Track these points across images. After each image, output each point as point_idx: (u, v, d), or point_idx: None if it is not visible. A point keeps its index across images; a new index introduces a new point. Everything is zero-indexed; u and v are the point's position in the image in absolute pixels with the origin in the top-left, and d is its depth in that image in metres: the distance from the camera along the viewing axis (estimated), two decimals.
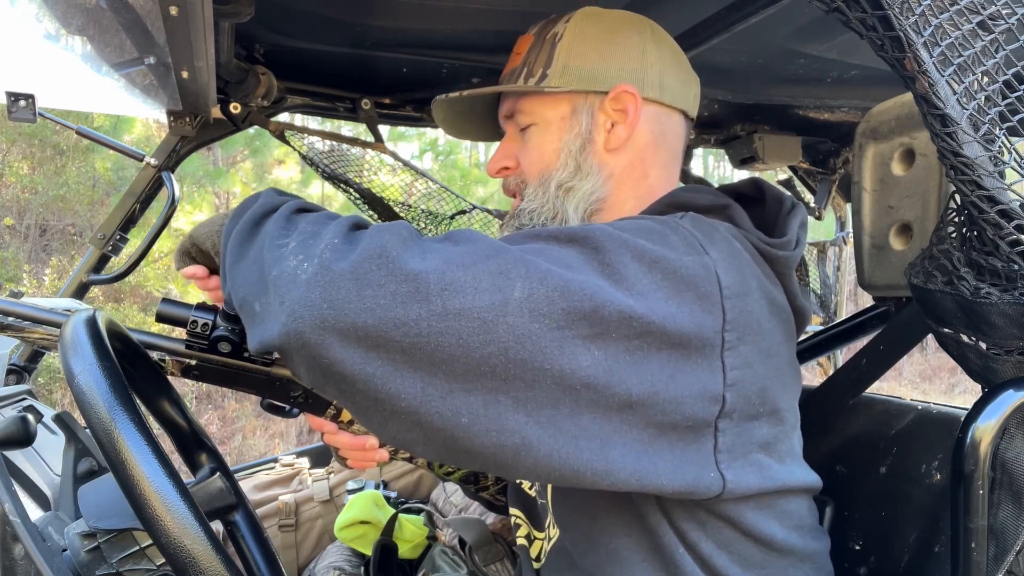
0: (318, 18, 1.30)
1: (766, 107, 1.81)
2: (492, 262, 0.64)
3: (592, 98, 0.96)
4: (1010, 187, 0.65)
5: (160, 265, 7.41)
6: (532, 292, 0.63)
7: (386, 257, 0.62)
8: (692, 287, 0.70)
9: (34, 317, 0.87)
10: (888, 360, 1.11)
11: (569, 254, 0.69)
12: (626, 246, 0.69)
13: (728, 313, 0.71)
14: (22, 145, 7.09)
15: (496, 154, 1.04)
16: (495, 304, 0.62)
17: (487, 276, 0.63)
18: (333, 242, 0.64)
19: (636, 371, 0.66)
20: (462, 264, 0.63)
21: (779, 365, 0.79)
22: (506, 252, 0.66)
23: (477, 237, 0.68)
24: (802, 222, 0.91)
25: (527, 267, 0.65)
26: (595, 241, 0.70)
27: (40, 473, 1.12)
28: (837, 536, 1.13)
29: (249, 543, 0.89)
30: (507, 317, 0.62)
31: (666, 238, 0.73)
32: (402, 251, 0.63)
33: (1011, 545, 0.71)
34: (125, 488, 0.62)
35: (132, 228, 1.61)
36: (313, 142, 1.87)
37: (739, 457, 0.74)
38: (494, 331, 0.62)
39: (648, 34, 0.99)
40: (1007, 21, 0.67)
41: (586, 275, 0.66)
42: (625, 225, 0.74)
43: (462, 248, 0.66)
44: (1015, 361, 0.70)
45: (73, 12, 1.11)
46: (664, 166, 1.00)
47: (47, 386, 6.18)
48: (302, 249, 0.65)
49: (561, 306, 0.63)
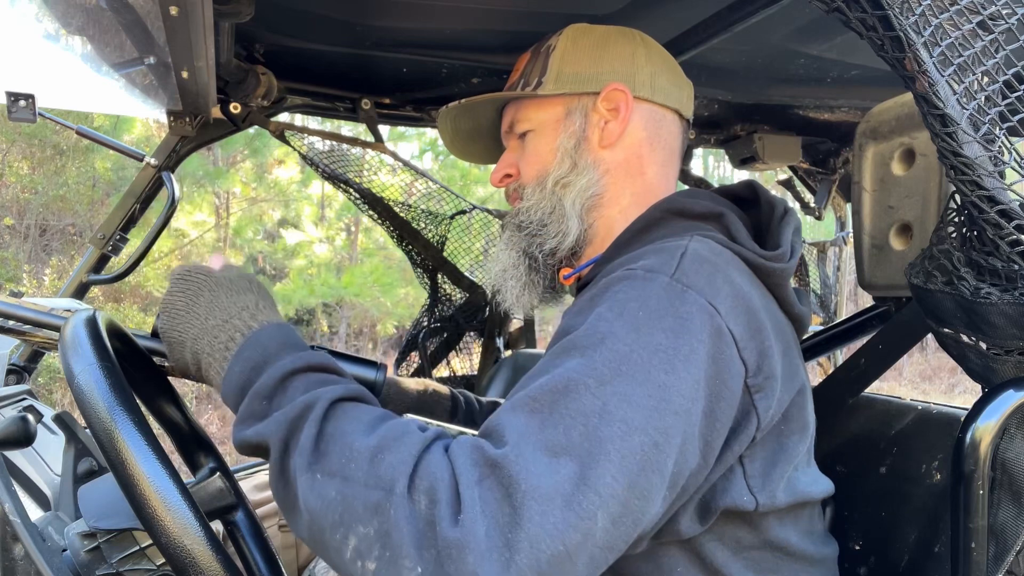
0: (318, 18, 1.30)
1: (766, 107, 1.81)
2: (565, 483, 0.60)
3: (585, 99, 0.99)
4: (1010, 187, 0.65)
5: (160, 265, 7.41)
6: (614, 519, 0.61)
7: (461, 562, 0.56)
8: (715, 363, 0.71)
9: (34, 320, 0.87)
10: (887, 360, 1.10)
11: (611, 407, 0.64)
12: (650, 360, 0.67)
13: (747, 362, 0.73)
14: (22, 145, 7.09)
15: (498, 164, 1.07)
16: (587, 550, 0.60)
17: (575, 538, 0.59)
18: (416, 572, 0.58)
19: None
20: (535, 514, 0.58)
21: (799, 381, 0.81)
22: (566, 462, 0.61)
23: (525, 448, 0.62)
24: (796, 228, 0.91)
25: (596, 504, 0.60)
26: (624, 374, 0.66)
27: (40, 473, 1.12)
28: (837, 536, 1.13)
29: (249, 543, 0.89)
30: (598, 545, 0.61)
31: (682, 322, 0.70)
32: (489, 569, 0.56)
33: (1011, 545, 0.71)
34: (125, 488, 0.62)
35: (132, 228, 1.62)
36: (313, 142, 1.88)
37: (771, 477, 0.77)
38: (594, 561, 0.61)
39: (638, 41, 1.02)
40: (1007, 21, 0.67)
41: (638, 442, 0.64)
42: (640, 318, 0.70)
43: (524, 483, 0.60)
44: (1015, 361, 0.70)
45: (73, 12, 1.11)
46: (661, 164, 1.01)
47: (47, 386, 6.18)
48: (384, 569, 0.59)
49: (636, 496, 0.63)
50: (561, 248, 0.99)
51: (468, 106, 1.07)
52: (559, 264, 1.02)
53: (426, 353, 2.22)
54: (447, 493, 0.59)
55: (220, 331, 0.76)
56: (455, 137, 1.16)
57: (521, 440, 0.62)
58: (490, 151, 1.18)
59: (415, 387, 1.22)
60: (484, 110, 1.09)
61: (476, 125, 1.13)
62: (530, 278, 1.02)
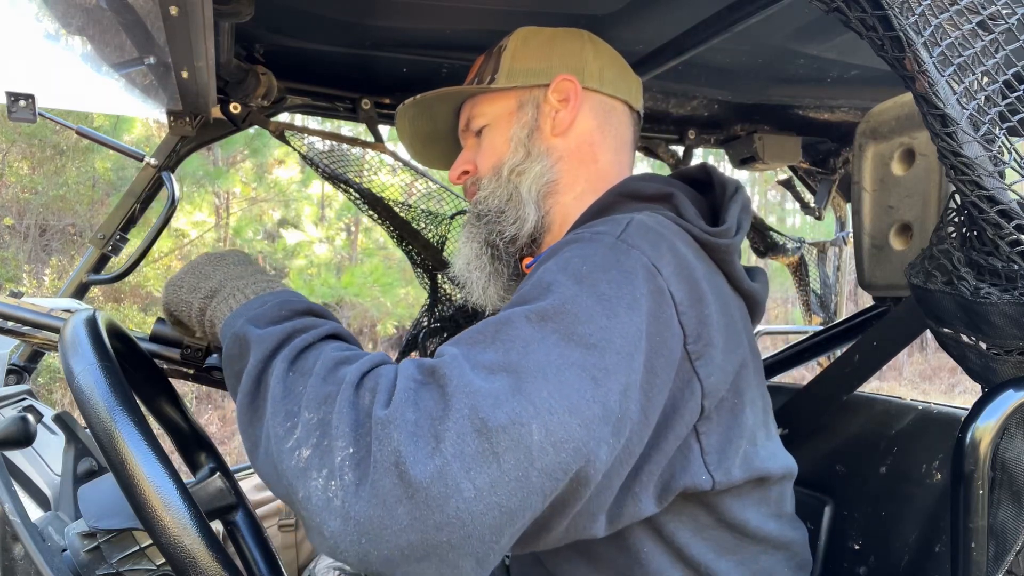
0: (318, 18, 1.30)
1: (766, 107, 1.81)
2: (501, 417, 0.59)
3: (536, 91, 1.04)
4: (1010, 187, 0.65)
5: (160, 265, 7.41)
6: (549, 432, 0.60)
7: (401, 469, 0.56)
8: (656, 320, 0.71)
9: (34, 321, 0.87)
10: (882, 357, 1.10)
11: (550, 340, 0.65)
12: (593, 305, 0.68)
13: (686, 328, 0.73)
14: (22, 145, 7.09)
15: (456, 161, 1.11)
16: (520, 464, 0.59)
17: (505, 441, 0.58)
18: (347, 452, 0.59)
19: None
20: (481, 429, 0.58)
21: (743, 355, 0.82)
22: (507, 401, 0.60)
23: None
24: (744, 206, 0.92)
25: (530, 413, 0.60)
26: (567, 312, 0.67)
27: (40, 473, 1.12)
28: (837, 536, 1.13)
29: (249, 543, 0.89)
30: (534, 466, 0.59)
31: (625, 275, 0.72)
32: (414, 452, 0.57)
33: (1011, 545, 0.71)
34: (125, 488, 0.62)
35: (132, 228, 1.62)
36: (313, 142, 1.87)
37: (726, 453, 0.77)
38: (529, 482, 0.59)
39: (586, 39, 1.06)
40: (1007, 21, 0.67)
41: (576, 375, 0.64)
42: (584, 271, 0.72)
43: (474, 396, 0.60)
44: (1015, 361, 0.70)
45: (73, 12, 1.11)
46: (615, 152, 1.05)
47: (47, 386, 6.18)
48: (317, 456, 0.60)
49: (576, 420, 0.62)
50: (521, 235, 1.01)
51: (425, 108, 1.10)
52: (520, 252, 1.03)
53: (426, 353, 2.23)
54: (386, 385, 0.62)
55: (259, 275, 0.84)
56: (413, 139, 1.19)
57: (460, 356, 0.64)
58: (447, 155, 1.22)
59: None
60: (442, 112, 1.13)
61: (434, 127, 1.17)
62: (494, 267, 1.04)
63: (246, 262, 0.87)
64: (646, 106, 1.78)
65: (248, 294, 0.80)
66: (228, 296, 0.80)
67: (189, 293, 0.84)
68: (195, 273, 0.85)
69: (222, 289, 0.82)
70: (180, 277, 0.85)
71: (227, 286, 0.82)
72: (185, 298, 0.84)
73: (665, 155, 2.02)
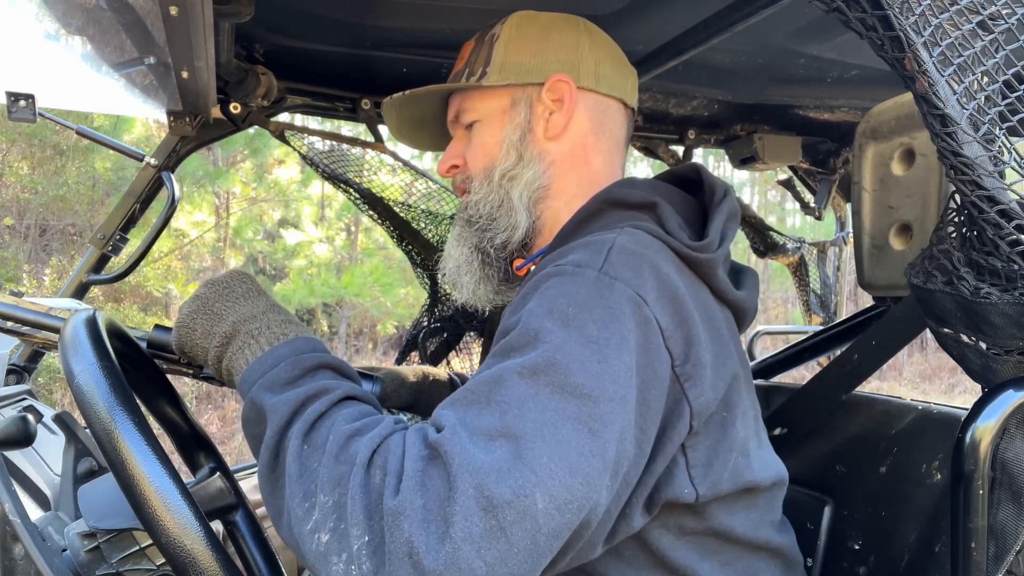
0: (318, 18, 1.30)
1: (766, 107, 1.81)
2: (506, 490, 0.60)
3: (530, 90, 1.00)
4: (1010, 187, 0.65)
5: (160, 265, 7.41)
6: (553, 497, 0.61)
7: (415, 560, 0.58)
8: (645, 352, 0.72)
9: (34, 321, 0.87)
10: (882, 357, 1.10)
11: (544, 396, 0.66)
12: (582, 351, 0.68)
13: (673, 351, 0.74)
14: (22, 145, 7.09)
15: (445, 154, 1.08)
16: (528, 533, 0.60)
17: (511, 515, 0.59)
18: (363, 540, 0.60)
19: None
20: (489, 507, 0.59)
21: (733, 368, 0.82)
22: (516, 473, 0.61)
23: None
24: (730, 214, 0.91)
25: (533, 482, 0.61)
26: (558, 363, 0.67)
27: (40, 473, 1.12)
28: (837, 536, 1.13)
29: (249, 543, 0.89)
30: (541, 532, 0.61)
31: (611, 312, 0.72)
32: (426, 540, 0.58)
33: (1011, 545, 0.71)
34: (125, 488, 0.62)
35: (132, 228, 1.62)
36: (313, 142, 1.87)
37: (713, 467, 0.78)
38: (537, 548, 0.61)
39: (583, 29, 1.03)
40: (1007, 21, 0.67)
41: (573, 429, 0.64)
42: (570, 312, 0.71)
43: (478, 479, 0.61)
44: (1015, 361, 0.70)
45: (73, 12, 1.11)
46: (607, 154, 1.03)
47: (47, 386, 6.18)
48: (336, 541, 0.61)
49: (578, 480, 0.63)
50: (512, 241, 1.00)
51: (413, 96, 1.07)
52: (511, 256, 1.03)
53: (426, 353, 2.23)
54: (396, 466, 0.63)
55: (270, 314, 0.82)
56: (400, 125, 1.17)
57: (458, 425, 0.64)
58: (436, 138, 1.19)
59: (413, 377, 1.27)
60: (429, 99, 1.09)
61: (421, 114, 1.14)
62: (484, 272, 1.03)
63: (255, 293, 0.85)
64: (646, 106, 1.78)
65: (263, 343, 0.79)
66: (243, 345, 0.79)
67: (203, 339, 0.82)
68: (206, 313, 0.82)
69: (236, 336, 0.80)
70: (191, 318, 0.83)
71: (241, 331, 0.80)
72: (200, 343, 0.82)
73: (665, 155, 2.02)
